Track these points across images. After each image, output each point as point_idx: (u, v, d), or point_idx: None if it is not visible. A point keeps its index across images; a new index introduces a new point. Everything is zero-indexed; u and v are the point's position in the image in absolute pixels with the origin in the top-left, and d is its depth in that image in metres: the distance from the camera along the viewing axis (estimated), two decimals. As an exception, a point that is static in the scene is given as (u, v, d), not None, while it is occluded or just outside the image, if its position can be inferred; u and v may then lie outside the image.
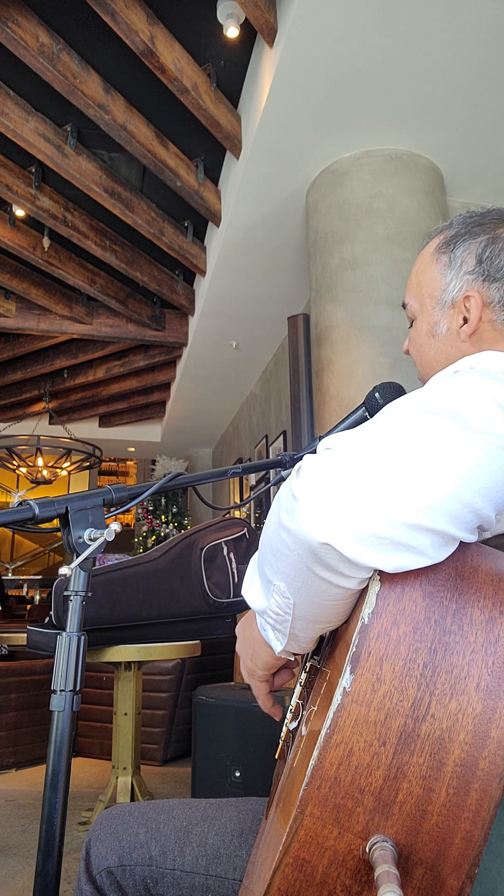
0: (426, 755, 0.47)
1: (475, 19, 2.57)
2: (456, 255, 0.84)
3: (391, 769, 0.48)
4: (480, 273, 0.82)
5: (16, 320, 5.37)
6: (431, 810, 0.47)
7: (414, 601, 0.51)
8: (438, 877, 0.46)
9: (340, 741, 0.49)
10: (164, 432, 8.59)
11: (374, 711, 0.49)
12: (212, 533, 2.12)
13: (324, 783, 0.48)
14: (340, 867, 0.48)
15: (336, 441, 0.56)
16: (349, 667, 0.50)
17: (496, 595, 0.52)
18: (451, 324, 0.84)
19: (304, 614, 0.58)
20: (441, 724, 0.48)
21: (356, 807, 0.48)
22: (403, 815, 0.47)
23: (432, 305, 0.87)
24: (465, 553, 0.55)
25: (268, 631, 0.65)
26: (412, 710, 0.48)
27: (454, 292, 0.84)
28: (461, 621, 0.50)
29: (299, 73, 2.79)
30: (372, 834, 0.47)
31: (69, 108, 3.32)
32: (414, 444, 0.53)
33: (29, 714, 3.37)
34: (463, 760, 0.47)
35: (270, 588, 0.60)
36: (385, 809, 0.47)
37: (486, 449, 0.53)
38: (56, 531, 0.81)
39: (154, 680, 3.38)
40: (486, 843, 0.55)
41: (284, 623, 0.61)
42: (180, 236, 4.39)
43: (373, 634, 0.50)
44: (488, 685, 0.48)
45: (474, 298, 0.82)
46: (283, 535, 0.55)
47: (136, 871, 0.84)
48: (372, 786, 0.48)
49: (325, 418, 3.29)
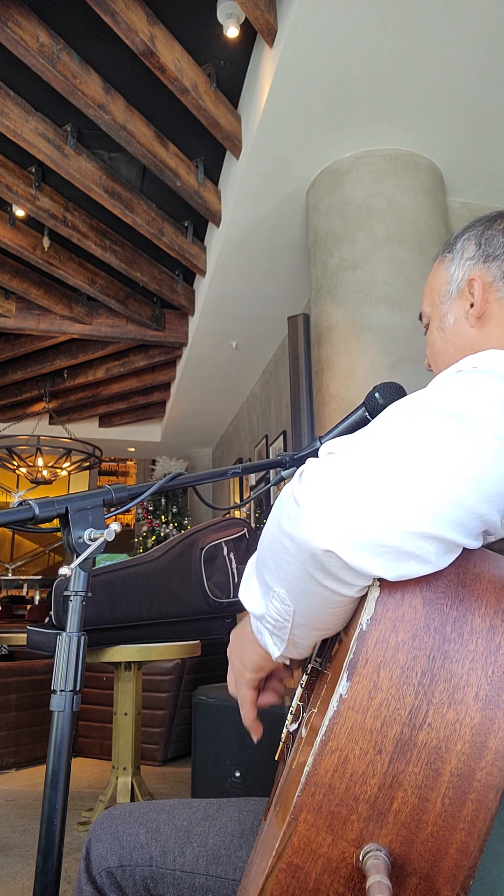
0: (422, 764, 0.47)
1: (475, 19, 2.56)
2: (457, 247, 0.89)
3: (386, 777, 0.47)
4: (480, 256, 0.86)
5: (16, 320, 5.37)
6: (426, 820, 0.46)
7: (413, 608, 0.51)
8: (433, 887, 0.46)
9: (336, 748, 0.48)
10: (164, 432, 8.59)
11: (371, 719, 0.48)
12: (212, 533, 2.12)
13: (318, 790, 0.48)
14: (333, 875, 0.48)
15: (339, 445, 0.56)
16: (346, 673, 0.49)
17: (498, 603, 0.51)
18: (459, 312, 0.87)
19: (304, 621, 0.58)
20: (438, 734, 0.47)
21: (350, 814, 0.47)
22: (398, 825, 0.47)
23: (441, 301, 0.90)
24: (467, 559, 0.54)
25: (265, 635, 0.64)
26: (409, 719, 0.48)
27: (459, 281, 0.87)
28: (461, 629, 0.50)
29: (299, 73, 2.79)
30: (366, 842, 0.47)
31: (69, 108, 3.31)
32: (417, 449, 0.52)
33: (29, 714, 3.37)
34: (459, 771, 0.46)
35: (270, 594, 0.59)
36: (379, 818, 0.47)
37: (490, 453, 0.52)
38: (56, 531, 0.81)
39: (154, 680, 3.38)
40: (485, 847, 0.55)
41: (283, 629, 0.60)
42: (180, 236, 4.38)
43: (371, 641, 0.50)
44: (487, 695, 0.47)
45: (476, 280, 0.84)
46: (285, 540, 0.54)
47: (137, 871, 0.83)
48: (367, 794, 0.47)
49: (325, 418, 3.29)
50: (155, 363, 6.54)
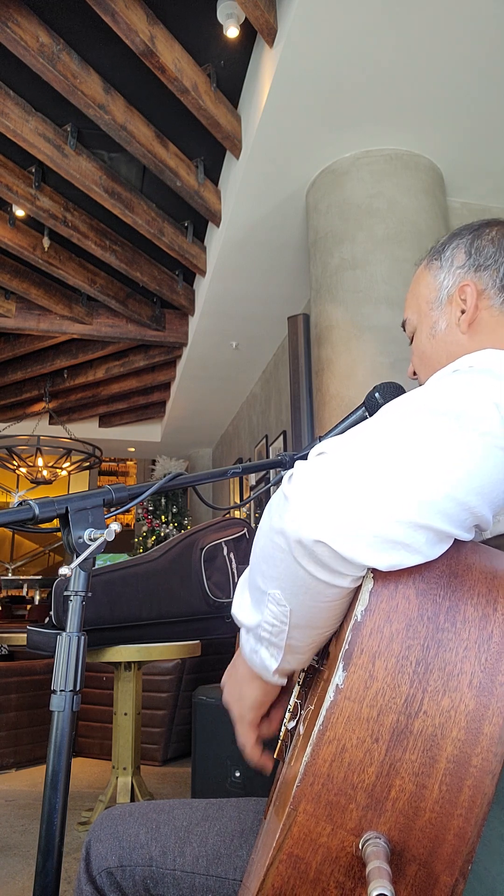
0: (419, 752, 0.47)
1: (475, 20, 2.57)
2: (445, 255, 0.89)
3: (384, 766, 0.48)
4: (471, 265, 0.86)
5: (16, 320, 5.37)
6: (424, 807, 0.46)
7: (407, 598, 0.51)
8: (432, 873, 0.46)
9: (333, 738, 0.48)
10: (164, 432, 8.59)
11: (367, 708, 0.49)
12: (212, 533, 2.12)
13: (317, 780, 0.48)
14: (334, 864, 0.48)
15: (330, 445, 0.56)
16: (342, 664, 0.50)
17: (490, 592, 0.52)
18: (450, 318, 0.86)
19: (301, 621, 0.58)
20: (434, 721, 0.48)
21: (349, 803, 0.48)
22: (396, 812, 0.47)
23: (429, 308, 0.89)
24: (459, 551, 0.55)
25: (260, 651, 0.63)
26: (405, 707, 0.48)
27: (449, 288, 0.87)
28: (454, 618, 0.50)
29: (299, 73, 2.79)
30: (365, 830, 0.47)
31: (69, 108, 3.32)
32: (408, 441, 0.53)
33: (29, 714, 3.37)
34: (455, 757, 0.47)
35: (264, 599, 0.59)
36: (378, 806, 0.47)
37: (482, 448, 0.53)
38: (56, 531, 0.81)
39: (154, 680, 3.38)
40: (486, 843, 0.55)
41: (280, 634, 0.60)
42: (180, 236, 4.39)
43: (366, 632, 0.50)
44: (481, 682, 0.48)
45: (469, 287, 0.84)
46: (276, 537, 0.54)
47: (136, 871, 0.83)
48: (364, 782, 0.48)
49: (325, 418, 3.29)
50: (155, 363, 6.55)
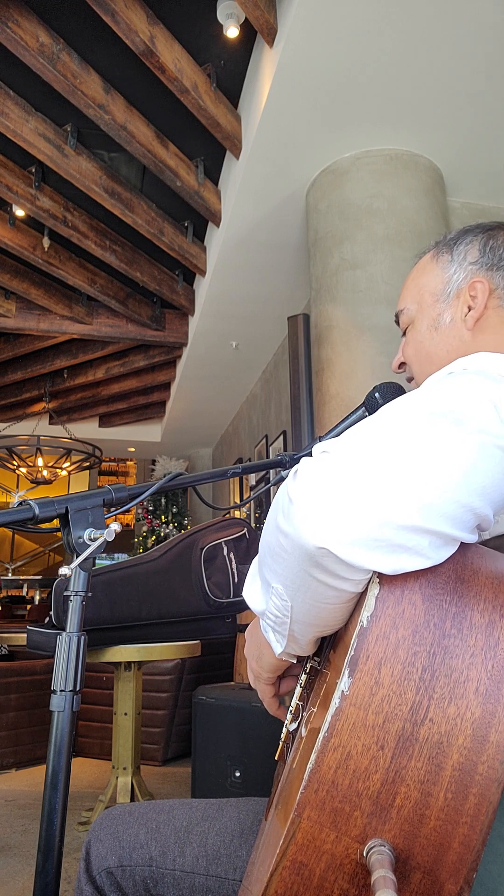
0: (424, 759, 0.47)
1: (475, 19, 2.57)
2: (458, 249, 0.88)
3: (389, 773, 0.47)
4: (484, 262, 0.85)
5: (16, 320, 5.37)
6: (429, 815, 0.46)
7: (413, 604, 0.51)
8: (436, 881, 0.46)
9: (338, 744, 0.48)
10: (164, 432, 8.59)
11: (372, 715, 0.48)
12: (212, 533, 2.12)
13: (321, 786, 0.48)
14: (338, 871, 0.48)
15: (332, 444, 0.56)
16: (347, 670, 0.49)
17: (496, 598, 0.51)
18: (456, 313, 0.85)
19: (302, 617, 0.58)
20: (440, 728, 0.47)
21: (353, 810, 0.47)
22: (401, 820, 0.47)
23: (433, 301, 0.88)
24: (464, 555, 0.55)
25: (269, 633, 0.65)
26: (410, 714, 0.48)
27: (458, 282, 0.86)
28: (461, 624, 0.50)
29: (299, 73, 2.79)
30: (369, 838, 0.47)
31: (69, 108, 3.31)
32: (409, 445, 0.53)
33: (29, 714, 3.37)
34: (461, 765, 0.46)
35: (269, 590, 0.60)
36: (382, 813, 0.47)
37: (481, 448, 0.53)
38: (56, 531, 0.81)
39: (154, 680, 3.38)
40: (486, 844, 0.55)
41: (283, 625, 0.61)
42: (180, 236, 4.38)
43: (371, 638, 0.50)
44: (488, 689, 0.48)
45: (481, 284, 0.84)
46: (280, 538, 0.55)
47: (137, 871, 0.83)
48: (369, 790, 0.47)
49: (325, 418, 3.29)
50: (155, 363, 6.55)
